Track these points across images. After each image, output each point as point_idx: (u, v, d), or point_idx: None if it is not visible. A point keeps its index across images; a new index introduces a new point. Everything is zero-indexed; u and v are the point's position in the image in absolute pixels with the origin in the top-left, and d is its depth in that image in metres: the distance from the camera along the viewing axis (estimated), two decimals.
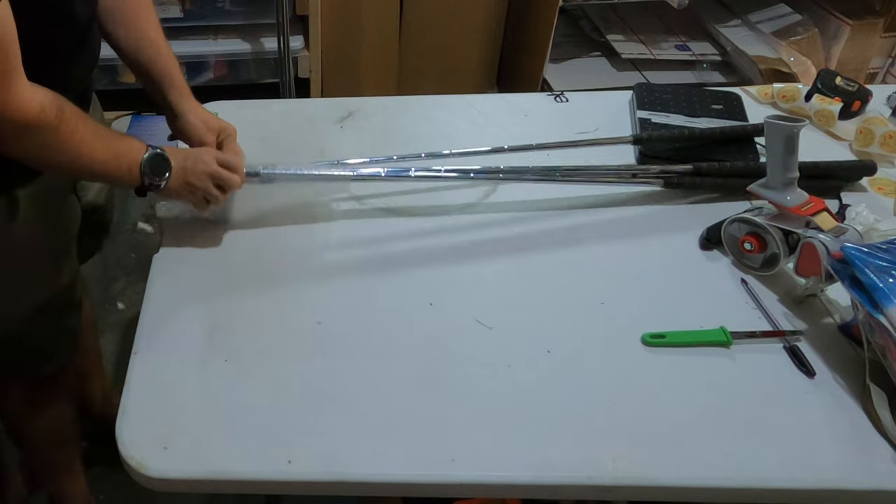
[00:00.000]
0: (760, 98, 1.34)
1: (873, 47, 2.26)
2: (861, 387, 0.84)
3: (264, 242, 1.03)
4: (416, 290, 0.96)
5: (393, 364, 0.87)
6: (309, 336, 0.90)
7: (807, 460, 0.78)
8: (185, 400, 0.83)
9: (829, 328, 0.92)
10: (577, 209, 1.10)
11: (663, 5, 2.14)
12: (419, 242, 1.04)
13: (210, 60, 2.20)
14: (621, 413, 0.83)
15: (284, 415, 0.82)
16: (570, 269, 1.00)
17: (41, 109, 0.79)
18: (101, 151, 0.87)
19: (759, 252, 0.97)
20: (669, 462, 0.78)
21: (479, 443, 0.79)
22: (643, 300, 0.96)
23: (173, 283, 0.96)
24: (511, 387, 0.85)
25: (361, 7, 2.23)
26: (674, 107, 1.27)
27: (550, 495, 0.79)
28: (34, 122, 0.79)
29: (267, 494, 1.07)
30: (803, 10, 2.31)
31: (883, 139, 1.19)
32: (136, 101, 2.28)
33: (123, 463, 0.78)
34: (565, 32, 2.45)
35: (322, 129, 1.24)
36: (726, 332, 0.90)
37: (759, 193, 0.99)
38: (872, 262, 0.82)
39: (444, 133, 1.24)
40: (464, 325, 0.92)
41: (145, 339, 0.90)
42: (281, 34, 2.05)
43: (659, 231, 1.06)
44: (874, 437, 0.81)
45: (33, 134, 0.80)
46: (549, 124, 1.27)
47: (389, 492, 0.79)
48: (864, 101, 1.29)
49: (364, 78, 2.37)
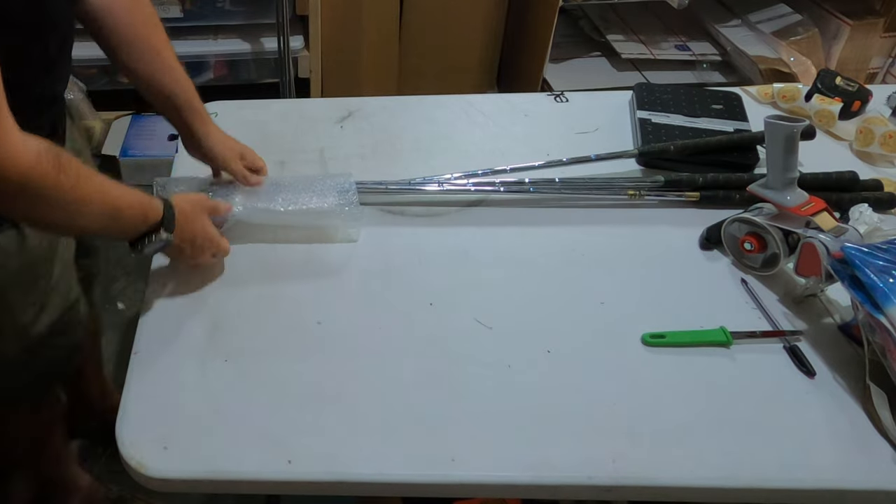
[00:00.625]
0: (760, 98, 1.34)
1: (873, 47, 2.26)
2: (861, 387, 0.84)
3: (264, 243, 1.02)
4: (416, 290, 0.96)
5: (393, 364, 0.87)
6: (309, 336, 0.90)
7: (807, 460, 0.78)
8: (185, 400, 0.83)
9: (829, 328, 0.92)
10: (577, 209, 1.10)
11: (663, 5, 2.14)
12: (419, 242, 1.03)
13: (210, 60, 2.20)
14: (621, 413, 0.83)
15: (284, 415, 0.82)
16: (570, 269, 1.00)
17: (37, 160, 0.69)
18: (103, 207, 0.78)
19: (759, 252, 0.97)
20: (669, 462, 0.78)
21: (479, 443, 0.79)
22: (643, 300, 0.96)
23: (173, 283, 0.96)
24: (511, 387, 0.85)
25: (361, 7, 2.23)
26: (674, 107, 1.27)
27: (550, 495, 0.79)
28: (29, 173, 0.69)
29: (267, 494, 1.07)
30: (803, 10, 2.31)
31: (883, 139, 1.19)
32: (136, 101, 2.28)
33: (123, 463, 0.78)
34: (565, 32, 2.45)
35: (322, 129, 1.24)
36: (726, 332, 0.90)
37: (759, 194, 0.99)
38: (872, 262, 0.82)
39: (444, 133, 1.24)
40: (464, 325, 0.92)
41: (145, 339, 0.90)
42: (281, 34, 2.05)
43: (659, 231, 1.06)
44: (874, 437, 0.81)
45: (27, 188, 0.70)
46: (549, 124, 1.27)
47: (389, 492, 0.79)
48: (864, 101, 1.29)
49: (364, 78, 2.38)
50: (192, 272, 0.97)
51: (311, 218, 1.01)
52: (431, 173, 1.13)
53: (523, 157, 1.16)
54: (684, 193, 1.09)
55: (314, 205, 1.00)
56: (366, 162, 1.17)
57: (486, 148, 1.21)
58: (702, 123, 1.23)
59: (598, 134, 1.25)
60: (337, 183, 1.03)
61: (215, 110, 1.27)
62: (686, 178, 1.10)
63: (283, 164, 1.16)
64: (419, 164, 1.17)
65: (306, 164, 1.17)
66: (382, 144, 1.21)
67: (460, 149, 1.21)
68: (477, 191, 1.10)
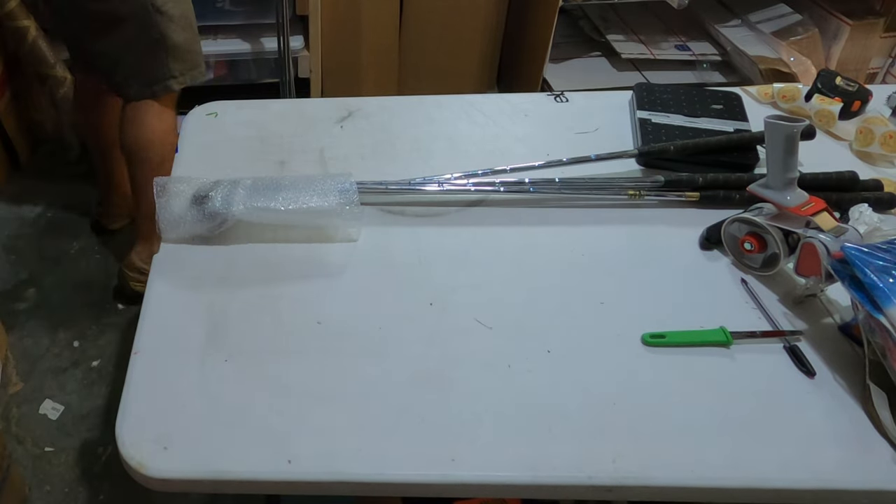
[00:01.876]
0: (760, 98, 1.34)
1: (873, 47, 2.26)
2: (861, 387, 0.84)
3: (264, 242, 1.03)
4: (416, 290, 0.96)
5: (393, 364, 0.87)
6: (309, 336, 0.90)
7: (807, 460, 0.78)
8: (185, 400, 0.83)
9: (829, 328, 0.92)
10: (577, 209, 1.10)
11: (663, 5, 2.15)
12: (419, 242, 1.03)
13: (210, 60, 2.20)
14: (621, 413, 0.83)
15: (284, 415, 0.82)
16: (570, 269, 1.00)
17: None
18: None
19: (759, 252, 0.97)
20: (670, 462, 0.78)
21: (479, 443, 0.79)
22: (643, 300, 0.96)
23: (173, 283, 0.96)
24: (511, 387, 0.85)
25: (361, 7, 2.23)
26: (674, 107, 1.27)
27: (550, 495, 0.79)
28: None
29: (267, 494, 1.07)
30: (803, 10, 2.31)
31: (883, 139, 1.19)
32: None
33: (123, 463, 0.78)
34: (565, 32, 2.45)
35: (322, 129, 1.24)
36: (726, 332, 0.90)
37: (759, 194, 0.99)
38: (872, 262, 0.82)
39: (444, 133, 1.24)
40: (464, 325, 0.92)
41: (145, 339, 0.90)
42: (281, 34, 2.05)
43: (659, 231, 1.06)
44: (874, 437, 0.81)
45: None
46: (549, 124, 1.27)
47: (389, 492, 0.79)
48: (864, 101, 1.29)
49: (364, 78, 2.38)
50: (192, 272, 0.98)
51: (311, 217, 1.01)
52: (431, 173, 1.13)
53: (523, 157, 1.16)
54: (684, 193, 1.09)
55: (314, 204, 1.00)
56: (366, 162, 1.17)
57: (486, 148, 1.21)
58: (702, 123, 1.23)
59: (598, 134, 1.25)
60: (337, 183, 1.03)
61: (215, 110, 1.27)
62: (686, 178, 1.10)
63: (283, 164, 1.16)
64: (419, 164, 1.17)
65: (306, 164, 1.17)
66: (382, 144, 1.21)
67: (460, 149, 1.21)
68: (477, 191, 1.10)
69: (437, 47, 2.40)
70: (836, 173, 1.10)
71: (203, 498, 1.50)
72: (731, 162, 1.15)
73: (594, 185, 1.11)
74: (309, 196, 1.01)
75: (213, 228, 1.01)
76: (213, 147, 1.20)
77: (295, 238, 1.03)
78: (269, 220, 1.01)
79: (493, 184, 1.10)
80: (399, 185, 1.10)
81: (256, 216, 1.00)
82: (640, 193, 1.09)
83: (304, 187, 1.02)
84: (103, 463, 1.58)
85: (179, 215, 1.01)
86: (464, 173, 1.12)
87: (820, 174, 1.10)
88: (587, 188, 1.11)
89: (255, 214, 1.00)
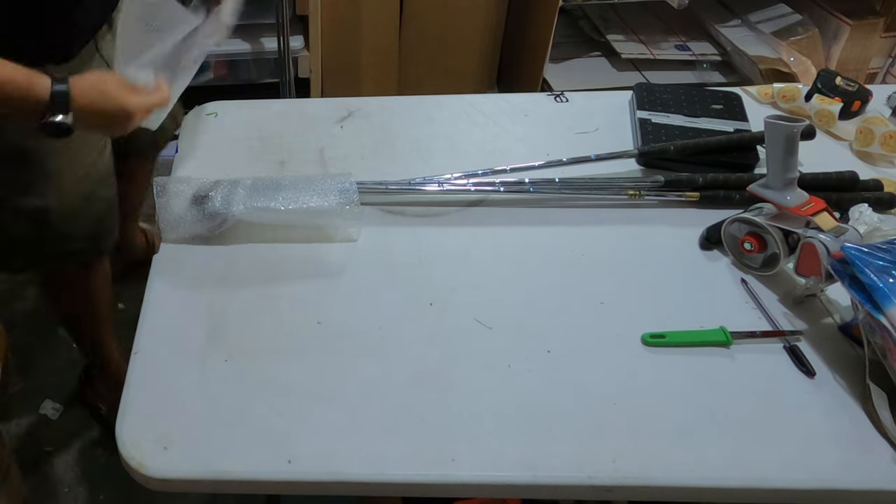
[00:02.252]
0: (760, 98, 1.34)
1: (873, 47, 2.26)
2: (861, 387, 0.84)
3: (264, 242, 1.03)
4: (416, 290, 0.96)
5: (393, 364, 0.87)
6: (308, 336, 0.90)
7: (807, 460, 0.78)
8: (185, 400, 0.83)
9: (829, 328, 0.92)
10: (577, 209, 1.10)
11: (663, 5, 2.14)
12: (419, 242, 1.03)
13: (210, 60, 2.19)
14: (621, 413, 0.83)
15: (284, 415, 0.82)
16: (570, 269, 1.00)
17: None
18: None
19: (759, 252, 0.97)
20: (670, 462, 0.78)
21: (479, 443, 0.80)
22: (643, 300, 0.96)
23: (173, 283, 0.96)
24: (511, 387, 0.85)
25: (361, 7, 2.23)
26: (674, 107, 1.27)
27: (550, 495, 0.79)
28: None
29: (267, 494, 1.07)
30: (803, 10, 2.31)
31: (883, 139, 1.19)
32: None
33: (123, 463, 0.78)
34: (565, 32, 2.45)
35: (322, 129, 1.24)
36: (726, 332, 0.90)
37: (759, 194, 0.99)
38: (872, 262, 0.82)
39: (444, 133, 1.24)
40: (464, 325, 0.92)
41: (145, 339, 0.90)
42: (281, 34, 2.05)
43: (659, 231, 1.06)
44: (874, 437, 0.81)
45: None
46: (549, 124, 1.27)
47: (389, 492, 0.79)
48: (864, 101, 1.29)
49: (364, 78, 2.38)
50: (192, 272, 0.98)
51: (311, 217, 1.01)
52: (431, 173, 1.13)
53: (523, 157, 1.16)
54: (684, 193, 1.09)
55: (314, 204, 1.00)
56: (366, 162, 1.17)
57: (486, 148, 1.21)
58: (702, 123, 1.23)
59: (597, 134, 1.25)
60: (337, 182, 1.03)
61: (215, 110, 1.27)
62: (686, 178, 1.10)
63: (283, 164, 1.16)
64: (419, 164, 1.17)
65: (306, 164, 1.17)
66: (382, 144, 1.21)
67: (460, 149, 1.21)
68: (477, 191, 1.10)
69: (437, 47, 2.39)
70: (836, 173, 1.10)
71: (203, 498, 1.50)
72: (731, 162, 1.16)
73: (594, 185, 1.12)
74: (309, 196, 1.01)
75: (213, 228, 1.01)
76: (212, 147, 1.20)
77: (295, 238, 1.03)
78: (269, 220, 1.01)
79: (493, 184, 1.10)
80: (399, 185, 1.10)
81: (256, 216, 1.00)
82: (640, 193, 1.09)
83: (304, 187, 1.02)
84: (103, 463, 1.58)
85: (179, 215, 1.01)
86: (464, 173, 1.12)
87: (820, 174, 1.10)
88: (587, 188, 1.11)
89: (255, 214, 1.00)
